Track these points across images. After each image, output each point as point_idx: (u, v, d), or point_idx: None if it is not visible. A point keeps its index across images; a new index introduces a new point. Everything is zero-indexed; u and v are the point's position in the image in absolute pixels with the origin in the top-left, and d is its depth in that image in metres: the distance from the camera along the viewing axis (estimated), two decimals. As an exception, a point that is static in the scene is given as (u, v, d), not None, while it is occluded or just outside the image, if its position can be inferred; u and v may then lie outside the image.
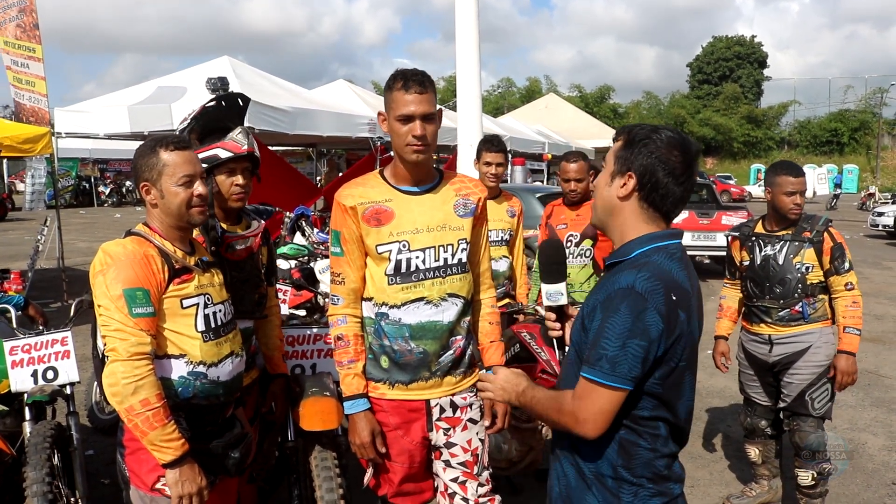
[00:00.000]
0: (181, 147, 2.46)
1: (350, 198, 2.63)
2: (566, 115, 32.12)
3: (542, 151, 21.24)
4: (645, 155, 1.88)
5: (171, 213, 2.44)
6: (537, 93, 54.34)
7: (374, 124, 11.40)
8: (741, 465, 4.85)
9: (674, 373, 1.83)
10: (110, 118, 9.88)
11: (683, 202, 1.93)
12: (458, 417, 2.75)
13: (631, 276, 1.81)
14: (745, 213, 12.56)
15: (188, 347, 2.42)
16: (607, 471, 1.90)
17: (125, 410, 2.23)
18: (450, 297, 2.65)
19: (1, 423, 3.57)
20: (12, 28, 10.09)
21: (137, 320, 2.27)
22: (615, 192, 1.95)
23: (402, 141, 2.54)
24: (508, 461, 3.96)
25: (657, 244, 1.90)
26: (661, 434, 1.88)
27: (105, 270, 2.29)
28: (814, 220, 3.93)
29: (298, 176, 10.60)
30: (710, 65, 63.16)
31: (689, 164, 1.89)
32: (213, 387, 2.47)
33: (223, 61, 10.84)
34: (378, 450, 2.67)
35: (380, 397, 2.69)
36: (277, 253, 6.67)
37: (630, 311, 1.76)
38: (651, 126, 1.95)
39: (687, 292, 1.85)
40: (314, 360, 3.45)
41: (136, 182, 2.47)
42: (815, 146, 58.34)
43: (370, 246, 2.61)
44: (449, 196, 2.70)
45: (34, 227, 15.59)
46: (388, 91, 2.56)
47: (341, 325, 2.68)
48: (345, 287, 2.68)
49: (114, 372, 2.23)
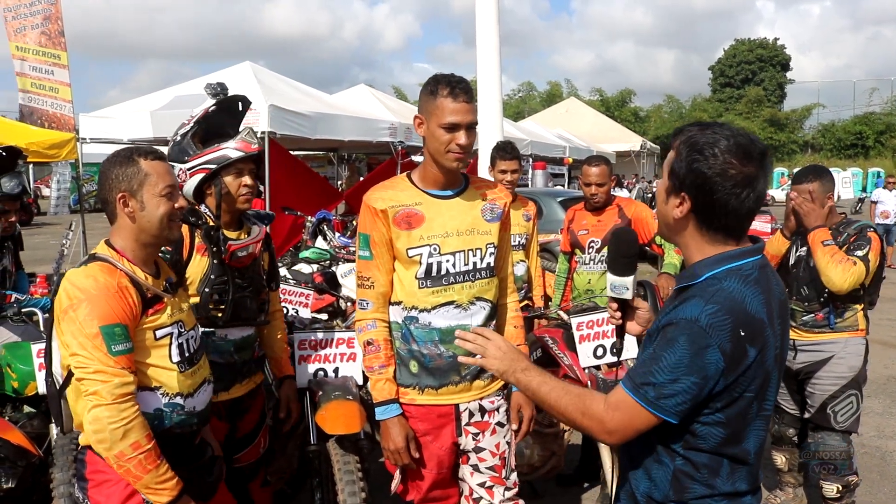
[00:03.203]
0: (160, 157, 2.33)
1: (380, 201, 2.62)
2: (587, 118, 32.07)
3: (563, 155, 21.22)
4: (697, 173, 1.67)
5: (149, 227, 2.29)
6: (558, 97, 54.21)
7: (395, 129, 11.43)
8: (766, 472, 4.79)
9: (737, 402, 1.68)
10: (134, 124, 9.99)
11: (752, 214, 1.72)
12: (487, 422, 2.74)
13: (698, 307, 1.64)
14: (768, 217, 12.45)
15: (164, 379, 2.30)
16: (659, 498, 1.79)
17: (115, 456, 2.11)
18: (478, 301, 2.65)
19: (28, 424, 3.61)
20: (35, 35, 10.21)
21: (118, 358, 2.12)
22: (671, 211, 1.76)
23: (444, 147, 2.52)
24: (530, 466, 3.95)
25: (729, 265, 1.71)
26: (723, 471, 1.73)
27: (76, 306, 2.12)
28: (849, 225, 3.81)
29: (320, 180, 10.65)
30: (732, 68, 62.64)
31: (753, 172, 1.67)
32: (189, 417, 2.38)
33: (245, 66, 10.91)
34: (412, 455, 2.65)
35: (409, 403, 2.68)
36: (300, 257, 6.72)
37: (689, 347, 1.62)
38: (707, 128, 1.73)
39: (762, 322, 1.66)
40: (336, 364, 3.46)
41: (109, 193, 2.28)
42: (840, 149, 57.64)
43: (400, 249, 2.60)
44: (476, 201, 2.70)
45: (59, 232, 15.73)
46: (432, 97, 2.53)
47: (371, 329, 2.67)
48: (374, 291, 2.67)
49: (98, 418, 2.08)
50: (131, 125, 10.04)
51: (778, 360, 1.75)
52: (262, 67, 11.41)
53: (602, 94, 60.16)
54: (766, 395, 1.73)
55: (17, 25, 10.32)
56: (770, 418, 1.80)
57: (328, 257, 6.64)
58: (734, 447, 1.72)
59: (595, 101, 54.30)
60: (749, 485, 1.77)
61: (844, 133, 58.00)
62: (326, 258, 6.61)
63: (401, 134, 11.52)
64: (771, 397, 1.75)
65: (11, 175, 4.40)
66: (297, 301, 4.68)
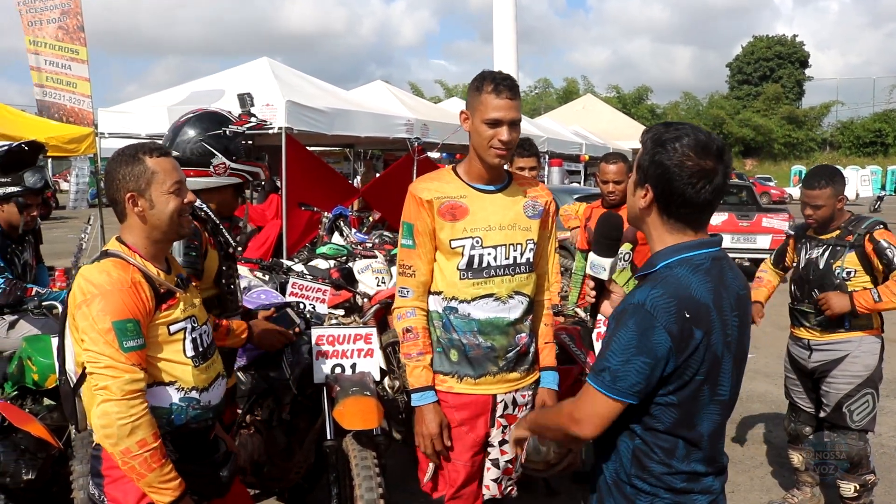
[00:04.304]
0: (165, 153, 2.33)
1: (427, 191, 2.67)
2: (603, 115, 31.86)
3: (580, 153, 21.12)
4: (658, 164, 1.82)
5: (160, 224, 2.30)
6: (574, 93, 53.98)
7: (411, 125, 11.42)
8: (783, 471, 4.78)
9: (688, 385, 1.80)
10: (151, 118, 10.02)
11: (709, 207, 1.85)
12: (515, 415, 2.79)
13: (645, 292, 1.79)
14: (786, 216, 12.36)
15: (179, 374, 2.31)
16: (624, 478, 1.91)
17: (121, 452, 2.11)
18: (517, 295, 2.70)
19: (48, 416, 3.66)
20: (52, 29, 10.23)
21: (129, 354, 2.12)
22: (637, 202, 1.91)
23: (486, 143, 2.58)
24: (546, 463, 3.91)
25: (683, 255, 1.84)
26: (678, 452, 1.85)
27: (89, 301, 2.12)
28: (859, 223, 3.81)
29: (336, 176, 10.63)
30: (750, 65, 62.21)
31: (710, 167, 1.79)
32: (204, 411, 2.38)
33: (262, 62, 10.92)
34: (444, 443, 2.68)
35: (447, 391, 2.71)
36: (317, 253, 6.75)
37: (637, 328, 1.75)
38: (670, 127, 1.86)
39: (707, 307, 1.78)
40: (354, 360, 3.46)
41: (117, 193, 2.27)
42: (859, 147, 57.13)
43: (443, 240, 2.65)
44: (519, 197, 2.75)
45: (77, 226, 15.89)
46: (477, 92, 2.59)
47: (410, 317, 2.71)
48: (415, 280, 2.71)
49: (107, 412, 2.09)
50: (149, 120, 10.07)
51: (730, 349, 1.84)
52: (280, 63, 11.43)
53: (619, 91, 59.90)
54: (717, 380, 1.84)
55: (31, 19, 10.34)
56: (725, 405, 1.89)
57: (345, 253, 6.65)
58: (687, 430, 1.84)
59: (612, 98, 54.08)
60: (706, 466, 1.89)
61: (863, 130, 57.47)
62: (343, 254, 6.62)
63: (417, 130, 11.50)
64: (724, 383, 1.85)
65: (34, 170, 4.47)
66: (314, 296, 4.70)
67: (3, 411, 3.30)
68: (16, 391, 3.83)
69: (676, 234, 1.87)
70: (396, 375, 4.78)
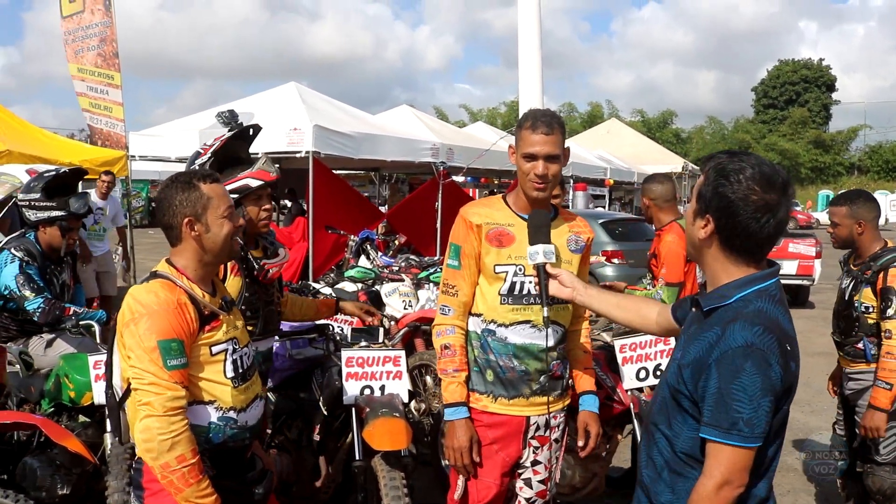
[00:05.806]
0: (216, 180, 2.44)
1: (477, 216, 2.77)
2: (628, 140, 31.80)
3: (604, 177, 21.13)
4: (721, 196, 1.79)
5: (213, 247, 2.39)
6: (599, 118, 53.90)
7: (436, 149, 11.50)
8: (808, 497, 4.74)
9: (778, 413, 1.79)
10: (181, 142, 10.21)
11: (772, 240, 1.83)
12: (547, 436, 2.86)
13: (746, 331, 1.73)
14: (812, 241, 12.27)
15: (219, 394, 2.37)
16: None
17: (160, 467, 2.18)
18: (553, 324, 2.75)
19: (84, 433, 3.72)
20: (92, 56, 10.53)
21: (172, 373, 2.20)
22: (697, 232, 1.88)
23: (525, 177, 2.68)
24: (572, 487, 3.96)
25: (757, 287, 1.82)
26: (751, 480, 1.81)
27: (137, 320, 2.22)
28: (882, 256, 3.68)
29: (362, 200, 10.73)
30: (775, 88, 61.93)
31: (774, 201, 1.77)
32: (241, 431, 2.45)
33: (290, 87, 11.09)
34: (473, 458, 2.73)
35: (482, 409, 2.78)
36: (345, 276, 6.84)
37: (758, 371, 1.71)
38: (734, 157, 1.84)
39: (794, 339, 1.79)
40: (383, 382, 3.51)
41: (174, 218, 2.36)
42: (887, 171, 56.57)
43: (488, 264, 2.73)
44: (563, 230, 2.84)
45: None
46: (519, 129, 2.72)
47: (449, 334, 2.79)
48: (456, 299, 2.80)
49: (149, 427, 2.16)
50: (179, 143, 10.27)
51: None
52: (307, 88, 11.59)
53: (643, 115, 59.76)
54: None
55: (76, 48, 10.67)
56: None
57: (373, 276, 6.74)
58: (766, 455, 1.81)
59: (636, 122, 53.95)
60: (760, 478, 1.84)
61: (892, 154, 56.92)
62: (371, 277, 6.71)
63: (442, 154, 11.57)
64: None
65: (78, 196, 4.69)
66: (343, 318, 4.75)
67: (42, 426, 3.38)
68: (52, 408, 3.92)
69: (742, 265, 1.85)
70: (423, 398, 4.82)
